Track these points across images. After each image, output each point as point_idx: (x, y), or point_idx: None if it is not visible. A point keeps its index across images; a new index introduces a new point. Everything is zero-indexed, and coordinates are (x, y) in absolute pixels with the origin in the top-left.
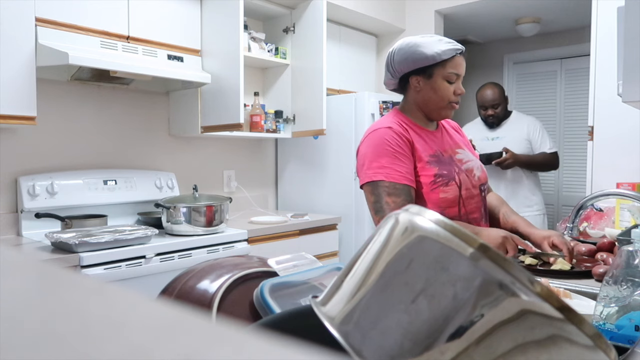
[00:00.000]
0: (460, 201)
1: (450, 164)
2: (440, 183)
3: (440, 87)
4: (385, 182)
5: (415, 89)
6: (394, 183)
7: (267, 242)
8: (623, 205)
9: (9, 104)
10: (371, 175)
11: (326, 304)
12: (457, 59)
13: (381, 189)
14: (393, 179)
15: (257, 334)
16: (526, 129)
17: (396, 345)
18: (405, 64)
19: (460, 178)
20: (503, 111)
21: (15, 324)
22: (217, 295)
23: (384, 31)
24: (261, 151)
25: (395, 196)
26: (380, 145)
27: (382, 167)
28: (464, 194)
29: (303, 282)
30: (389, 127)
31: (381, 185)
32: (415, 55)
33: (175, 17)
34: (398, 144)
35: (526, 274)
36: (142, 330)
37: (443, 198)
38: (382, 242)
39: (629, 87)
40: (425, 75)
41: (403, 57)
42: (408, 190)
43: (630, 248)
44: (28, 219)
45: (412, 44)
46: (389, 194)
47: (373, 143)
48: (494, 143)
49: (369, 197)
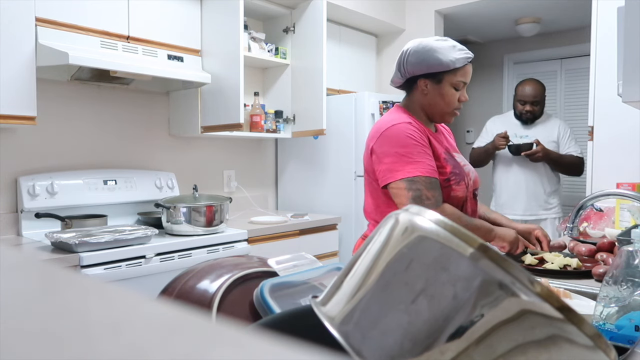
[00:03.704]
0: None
1: (457, 164)
2: (454, 181)
3: (448, 94)
4: (422, 177)
5: (422, 92)
6: (430, 177)
7: (267, 242)
8: (623, 205)
9: (9, 104)
10: (407, 172)
11: (326, 304)
12: (467, 67)
13: (420, 184)
14: (428, 173)
15: (257, 334)
16: (557, 131)
17: (396, 345)
18: (419, 67)
19: (467, 180)
20: (540, 109)
21: (15, 324)
22: (217, 295)
23: (384, 31)
24: (261, 151)
25: (433, 190)
26: (405, 140)
27: (415, 162)
28: (467, 195)
29: (303, 282)
30: (408, 123)
31: (419, 180)
32: (430, 60)
33: (175, 17)
34: (422, 138)
35: (526, 274)
36: (142, 330)
37: (454, 196)
38: (382, 242)
39: (629, 87)
40: (435, 80)
41: (417, 59)
42: (439, 185)
43: (630, 248)
44: (28, 219)
45: (428, 48)
46: (428, 188)
47: (396, 138)
48: (522, 141)
49: (404, 193)
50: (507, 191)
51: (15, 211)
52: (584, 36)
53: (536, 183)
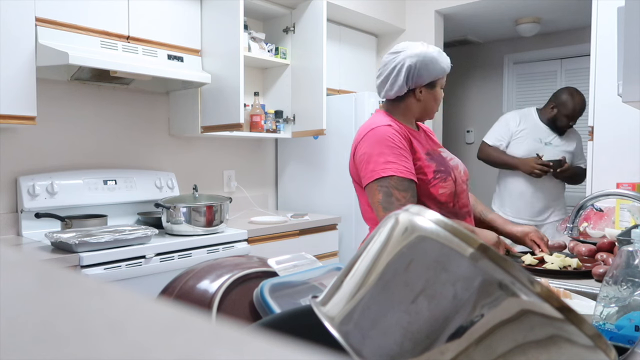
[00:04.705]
0: (455, 196)
1: (442, 161)
2: (440, 179)
3: (439, 96)
4: (394, 178)
5: (417, 99)
6: (402, 178)
7: (267, 242)
8: (623, 206)
9: (9, 104)
10: (380, 172)
11: (326, 304)
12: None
13: (390, 185)
14: (401, 174)
15: (257, 334)
16: (575, 143)
17: (396, 345)
18: (428, 78)
19: (455, 174)
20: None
21: (15, 324)
22: (217, 295)
23: (384, 31)
24: (261, 151)
25: (404, 191)
26: (383, 142)
27: (388, 163)
28: (458, 189)
29: (303, 282)
30: (388, 125)
31: (390, 181)
32: (437, 71)
33: (175, 17)
34: (400, 141)
35: (526, 274)
36: (142, 330)
37: (442, 193)
38: (382, 242)
39: (629, 87)
40: (430, 86)
41: (427, 72)
42: (414, 186)
43: (630, 248)
44: (28, 218)
45: (432, 59)
46: (398, 189)
47: (375, 140)
48: (543, 147)
49: (375, 194)
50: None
51: (15, 211)
52: (584, 36)
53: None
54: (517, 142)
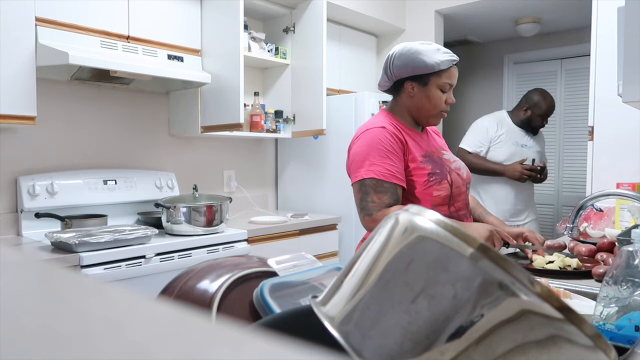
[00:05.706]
0: (451, 199)
1: (440, 163)
2: (434, 182)
3: (434, 96)
4: (374, 180)
5: (409, 94)
6: (382, 181)
7: (267, 242)
8: (623, 206)
9: (9, 104)
10: (362, 174)
11: (326, 304)
12: (452, 70)
13: (369, 187)
14: (382, 177)
15: (257, 334)
16: (543, 142)
17: (396, 345)
18: (405, 69)
19: (451, 177)
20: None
21: (15, 324)
22: (217, 295)
23: (384, 31)
24: (261, 151)
25: (381, 194)
26: (372, 144)
27: (372, 165)
28: (455, 191)
29: (303, 282)
30: (382, 127)
31: (369, 183)
32: (415, 63)
33: (175, 17)
34: (390, 143)
35: (526, 274)
36: (142, 330)
37: (436, 196)
38: (382, 242)
39: (629, 87)
40: (421, 83)
41: (403, 62)
42: (395, 189)
43: (630, 248)
44: (28, 218)
45: (413, 51)
46: (375, 191)
47: (365, 142)
48: (521, 150)
49: (356, 195)
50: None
51: (15, 211)
52: (584, 36)
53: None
54: (496, 147)
